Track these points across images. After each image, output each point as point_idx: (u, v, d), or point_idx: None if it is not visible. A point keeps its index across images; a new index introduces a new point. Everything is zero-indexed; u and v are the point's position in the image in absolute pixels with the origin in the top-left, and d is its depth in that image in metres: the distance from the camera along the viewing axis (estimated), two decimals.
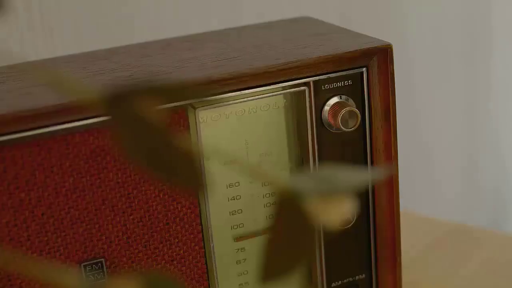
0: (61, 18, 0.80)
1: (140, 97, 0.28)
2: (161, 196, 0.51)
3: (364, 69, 0.54)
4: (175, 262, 0.53)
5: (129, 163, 0.49)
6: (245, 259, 0.56)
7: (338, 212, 0.29)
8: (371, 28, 0.93)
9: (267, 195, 0.55)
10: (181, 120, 0.51)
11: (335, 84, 0.54)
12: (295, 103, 0.54)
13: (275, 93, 0.53)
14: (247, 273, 0.56)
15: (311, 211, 0.29)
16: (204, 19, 0.86)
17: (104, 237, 0.51)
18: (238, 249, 0.56)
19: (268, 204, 0.55)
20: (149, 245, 0.52)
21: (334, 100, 0.54)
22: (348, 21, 0.92)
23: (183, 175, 0.28)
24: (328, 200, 0.29)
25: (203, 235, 0.53)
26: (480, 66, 1.04)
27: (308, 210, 0.29)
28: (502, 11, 1.01)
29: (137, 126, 0.28)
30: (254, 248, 0.56)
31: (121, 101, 0.27)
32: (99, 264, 0.51)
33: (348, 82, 0.54)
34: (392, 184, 0.56)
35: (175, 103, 0.50)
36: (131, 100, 0.27)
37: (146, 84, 0.28)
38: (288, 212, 0.30)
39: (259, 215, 0.55)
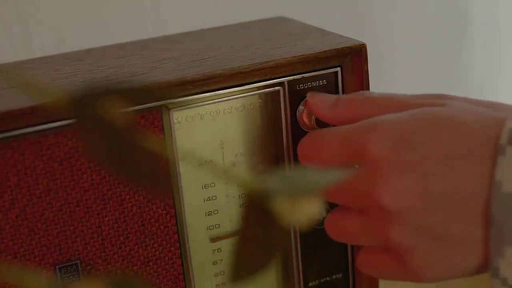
0: (39, 18, 0.79)
1: (106, 99, 0.28)
2: (136, 197, 0.51)
3: (338, 68, 0.54)
4: (150, 263, 0.53)
5: (99, 165, 0.49)
6: (221, 260, 0.56)
7: (307, 213, 0.29)
8: (349, 25, 0.93)
9: (243, 195, 0.55)
10: (155, 121, 0.50)
11: (309, 84, 0.54)
12: (270, 103, 0.54)
13: (250, 93, 0.53)
14: (224, 273, 0.56)
15: (280, 212, 0.29)
16: (183, 19, 0.86)
17: (79, 239, 0.51)
18: (215, 249, 0.56)
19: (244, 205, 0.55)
20: (125, 246, 0.52)
21: None
22: (326, 19, 0.92)
23: (150, 177, 0.28)
24: (297, 200, 0.29)
25: (178, 236, 0.53)
26: (461, 65, 1.04)
27: (277, 211, 0.29)
28: (482, 7, 1.02)
29: (104, 128, 0.28)
30: (230, 248, 0.56)
31: (87, 103, 0.27)
32: (74, 266, 0.51)
33: (322, 82, 0.54)
34: None
35: (148, 104, 0.50)
36: (97, 102, 0.27)
37: (112, 86, 0.28)
38: (258, 213, 0.30)
39: (235, 215, 0.55)
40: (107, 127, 0.28)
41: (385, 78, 0.97)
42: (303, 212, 0.29)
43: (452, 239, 0.47)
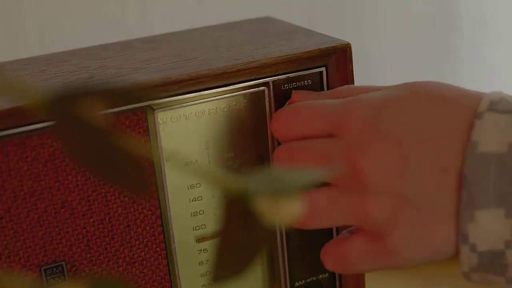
0: (25, 19, 0.79)
1: (86, 100, 0.28)
2: (121, 198, 0.51)
3: (323, 68, 0.54)
4: (136, 264, 0.53)
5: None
6: (207, 260, 0.56)
7: (288, 212, 0.29)
8: (334, 26, 0.93)
9: (226, 195, 0.55)
10: (140, 121, 0.50)
11: (294, 84, 0.54)
12: (255, 103, 0.54)
13: (235, 93, 0.53)
14: (210, 274, 0.56)
15: (262, 211, 0.29)
16: (169, 20, 0.86)
17: (64, 240, 0.50)
18: (201, 250, 0.56)
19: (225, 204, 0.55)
20: (110, 247, 0.52)
21: None
22: (312, 19, 0.92)
23: (132, 179, 0.28)
24: (278, 200, 0.29)
25: (164, 237, 0.53)
26: (448, 64, 1.04)
27: (259, 210, 0.29)
28: (469, 5, 1.02)
29: (84, 130, 0.28)
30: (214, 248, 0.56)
31: (66, 105, 0.27)
32: (60, 267, 0.51)
33: (307, 82, 0.54)
34: None
35: (133, 105, 0.50)
36: (77, 103, 0.27)
37: (95, 87, 0.28)
38: (239, 212, 0.30)
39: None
40: (87, 129, 0.27)
41: (371, 78, 0.97)
42: (284, 211, 0.29)
43: (430, 209, 0.47)
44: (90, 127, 0.27)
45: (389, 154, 0.47)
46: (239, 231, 0.30)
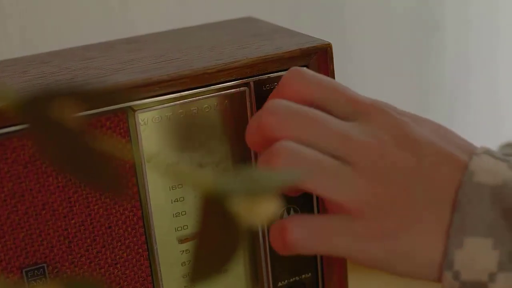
0: (6, 19, 0.79)
1: (60, 102, 0.27)
2: (103, 199, 0.51)
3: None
4: (118, 265, 0.53)
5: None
6: (190, 261, 0.56)
7: (264, 212, 0.29)
8: (318, 27, 0.93)
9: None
10: (120, 122, 0.50)
11: (275, 84, 0.54)
12: (236, 103, 0.54)
13: (216, 94, 0.53)
14: (189, 274, 0.56)
15: (238, 211, 0.29)
16: (151, 20, 0.86)
17: (45, 242, 0.50)
18: (183, 251, 0.56)
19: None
20: (92, 249, 0.52)
21: None
22: (295, 20, 0.92)
23: (108, 180, 0.28)
24: (254, 200, 0.29)
25: (146, 238, 0.53)
26: (432, 65, 1.05)
27: (233, 210, 0.29)
28: (453, 6, 1.02)
29: (57, 132, 0.27)
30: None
31: (39, 107, 0.27)
32: (41, 269, 0.51)
33: None
34: None
35: (113, 106, 0.50)
36: (49, 105, 0.27)
37: (70, 88, 0.28)
38: (215, 213, 0.30)
39: None
40: (63, 131, 0.27)
41: (354, 78, 0.97)
42: (260, 211, 0.29)
43: (423, 213, 0.47)
44: (65, 129, 0.27)
45: (406, 153, 0.47)
46: (217, 231, 0.30)
